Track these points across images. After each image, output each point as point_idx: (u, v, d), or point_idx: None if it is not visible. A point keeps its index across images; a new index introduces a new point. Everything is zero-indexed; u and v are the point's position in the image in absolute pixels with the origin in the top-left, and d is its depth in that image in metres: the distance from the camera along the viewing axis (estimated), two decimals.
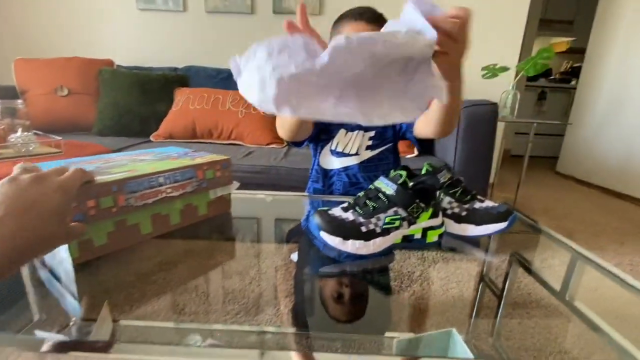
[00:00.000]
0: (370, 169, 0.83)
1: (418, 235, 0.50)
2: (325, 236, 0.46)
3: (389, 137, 0.84)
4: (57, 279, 0.46)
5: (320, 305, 0.49)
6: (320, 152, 0.83)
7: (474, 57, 2.20)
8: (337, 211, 0.49)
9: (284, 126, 0.73)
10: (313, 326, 0.45)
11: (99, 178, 0.46)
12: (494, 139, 1.34)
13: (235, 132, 1.68)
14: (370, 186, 0.51)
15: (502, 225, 0.52)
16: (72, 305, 0.42)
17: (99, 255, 0.47)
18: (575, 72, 4.02)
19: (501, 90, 1.93)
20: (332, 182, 0.82)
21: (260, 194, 0.82)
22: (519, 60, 2.12)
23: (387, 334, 0.48)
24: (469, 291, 0.75)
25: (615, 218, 2.01)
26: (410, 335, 0.48)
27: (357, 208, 0.48)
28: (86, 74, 1.87)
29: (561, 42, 4.46)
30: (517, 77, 1.88)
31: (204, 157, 0.59)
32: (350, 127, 0.82)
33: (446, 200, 0.54)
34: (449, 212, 0.54)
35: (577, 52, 3.91)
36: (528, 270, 0.62)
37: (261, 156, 1.45)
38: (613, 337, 0.42)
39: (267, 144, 1.69)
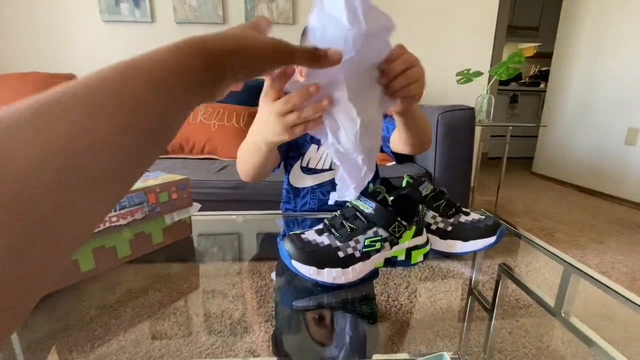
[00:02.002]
0: None
1: (401, 257, 0.45)
2: (297, 265, 0.41)
3: None
4: None
5: (303, 329, 0.45)
6: (290, 171, 0.77)
7: (448, 63, 2.19)
8: (310, 234, 0.43)
9: (246, 167, 0.64)
10: (295, 352, 0.41)
11: None
12: (472, 143, 1.33)
13: (209, 145, 1.60)
14: (347, 204, 0.46)
15: (490, 240, 0.48)
16: None
17: None
18: (543, 76, 4.19)
19: (475, 95, 1.95)
20: (305, 202, 0.76)
21: (228, 214, 0.75)
22: (491, 65, 2.16)
23: (375, 357, 0.44)
24: (457, 301, 0.70)
25: (591, 216, 2.05)
26: (399, 356, 0.44)
27: (333, 230, 0.43)
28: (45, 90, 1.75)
29: (529, 47, 4.65)
30: (491, 82, 1.90)
31: (157, 179, 0.51)
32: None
33: (429, 215, 0.50)
34: (433, 227, 0.50)
35: (544, 56, 4.09)
36: (520, 284, 0.58)
37: (237, 171, 1.37)
38: (606, 350, 0.43)
39: None
